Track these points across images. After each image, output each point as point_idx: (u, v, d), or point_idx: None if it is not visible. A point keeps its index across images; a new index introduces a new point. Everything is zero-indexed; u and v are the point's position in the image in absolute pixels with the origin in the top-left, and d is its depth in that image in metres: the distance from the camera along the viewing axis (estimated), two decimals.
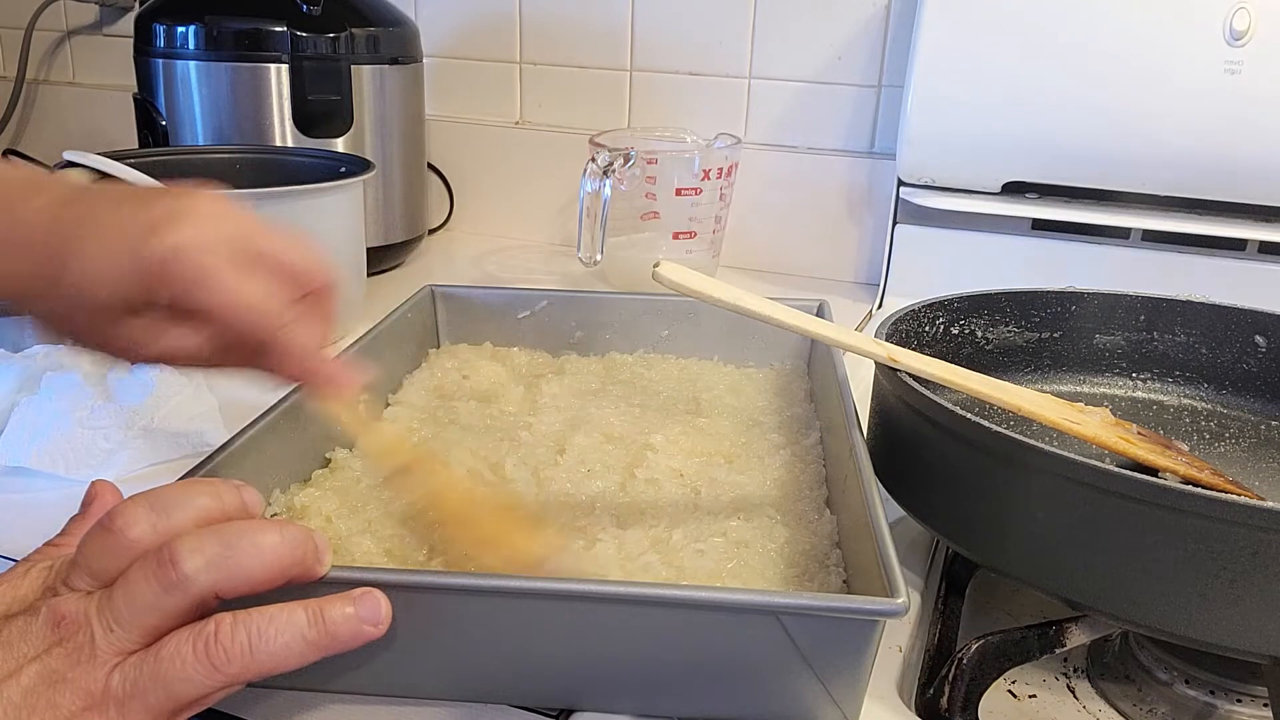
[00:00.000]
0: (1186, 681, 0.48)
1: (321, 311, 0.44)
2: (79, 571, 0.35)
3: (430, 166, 1.19)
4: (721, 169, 0.96)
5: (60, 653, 0.33)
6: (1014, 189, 0.91)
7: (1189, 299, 0.64)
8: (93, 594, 0.34)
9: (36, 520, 0.43)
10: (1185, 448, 0.55)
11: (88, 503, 0.43)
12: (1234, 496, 0.38)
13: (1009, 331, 0.65)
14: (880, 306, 0.99)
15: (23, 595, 0.36)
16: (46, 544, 0.40)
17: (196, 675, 0.33)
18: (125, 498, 0.37)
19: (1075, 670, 0.51)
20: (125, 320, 0.41)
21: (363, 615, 0.36)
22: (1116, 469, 0.40)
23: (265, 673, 0.34)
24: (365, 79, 1.01)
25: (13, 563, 0.39)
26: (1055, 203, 0.91)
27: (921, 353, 0.52)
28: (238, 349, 0.42)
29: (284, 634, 0.34)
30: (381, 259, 1.04)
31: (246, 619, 0.34)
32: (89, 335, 0.42)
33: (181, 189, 0.43)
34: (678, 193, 0.94)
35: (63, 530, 0.41)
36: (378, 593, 0.37)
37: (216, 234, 0.40)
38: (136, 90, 1.02)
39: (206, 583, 0.34)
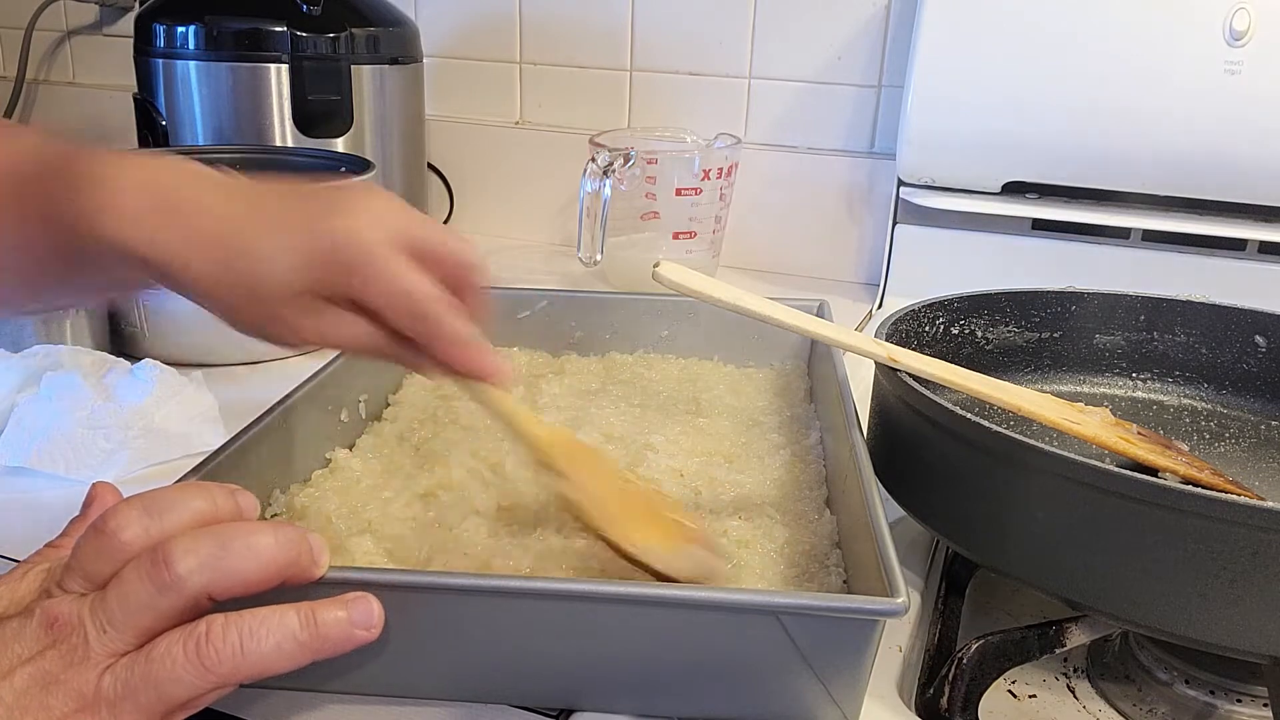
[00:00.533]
0: (1186, 681, 0.48)
1: (477, 301, 0.44)
2: (72, 574, 0.35)
3: (430, 166, 1.19)
4: (721, 169, 0.96)
5: (54, 654, 0.33)
6: (1014, 189, 0.91)
7: (1189, 299, 0.64)
8: (86, 596, 0.34)
9: (36, 520, 0.43)
10: (1185, 448, 0.55)
11: (88, 504, 0.43)
12: (1234, 496, 0.38)
13: (1009, 331, 0.65)
14: (880, 306, 0.99)
15: (20, 597, 0.36)
16: (47, 545, 0.40)
17: (187, 676, 0.33)
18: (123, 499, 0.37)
19: (1075, 670, 0.51)
20: (297, 309, 0.41)
21: (354, 619, 0.36)
22: (1116, 469, 0.40)
23: (256, 674, 0.34)
24: (365, 79, 1.00)
25: (14, 563, 0.39)
26: (1055, 203, 0.91)
27: (921, 353, 0.52)
28: (406, 338, 0.42)
29: (275, 635, 0.34)
30: None
31: (238, 620, 0.34)
32: (262, 325, 0.42)
33: (341, 183, 0.44)
34: (678, 193, 0.94)
35: (63, 531, 0.41)
36: (370, 597, 0.37)
37: (382, 223, 0.41)
38: (136, 90, 1.02)
39: (200, 583, 0.34)
